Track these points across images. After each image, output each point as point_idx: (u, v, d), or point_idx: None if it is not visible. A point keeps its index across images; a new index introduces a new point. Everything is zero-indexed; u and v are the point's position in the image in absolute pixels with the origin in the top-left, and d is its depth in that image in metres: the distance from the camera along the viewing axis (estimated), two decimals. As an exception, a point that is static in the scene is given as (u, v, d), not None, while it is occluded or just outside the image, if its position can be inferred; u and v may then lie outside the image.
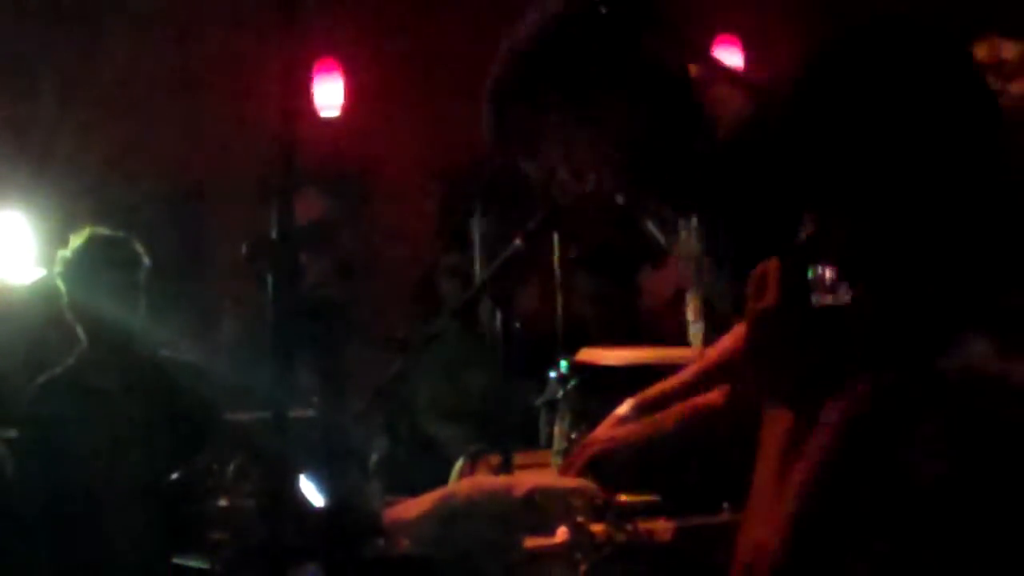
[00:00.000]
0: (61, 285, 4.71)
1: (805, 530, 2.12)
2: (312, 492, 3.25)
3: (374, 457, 5.62)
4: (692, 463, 3.00)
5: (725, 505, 3.02)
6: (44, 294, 5.36)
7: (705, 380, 2.87)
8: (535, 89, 2.63)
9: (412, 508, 3.04)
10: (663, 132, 2.65)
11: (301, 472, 3.29)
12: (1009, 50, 4.20)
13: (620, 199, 2.79)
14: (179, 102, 8.31)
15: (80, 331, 4.70)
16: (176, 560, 4.12)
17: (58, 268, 4.73)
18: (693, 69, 2.72)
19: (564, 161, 2.70)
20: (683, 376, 2.96)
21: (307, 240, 6.58)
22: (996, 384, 2.07)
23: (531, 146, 2.71)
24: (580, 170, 2.71)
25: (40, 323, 5.58)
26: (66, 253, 4.71)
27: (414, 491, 3.24)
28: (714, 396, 2.86)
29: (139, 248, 4.75)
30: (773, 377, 2.28)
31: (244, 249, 2.19)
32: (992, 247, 2.14)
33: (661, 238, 3.37)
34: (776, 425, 2.30)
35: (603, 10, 2.63)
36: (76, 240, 4.71)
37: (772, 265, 2.27)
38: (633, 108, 2.64)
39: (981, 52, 4.21)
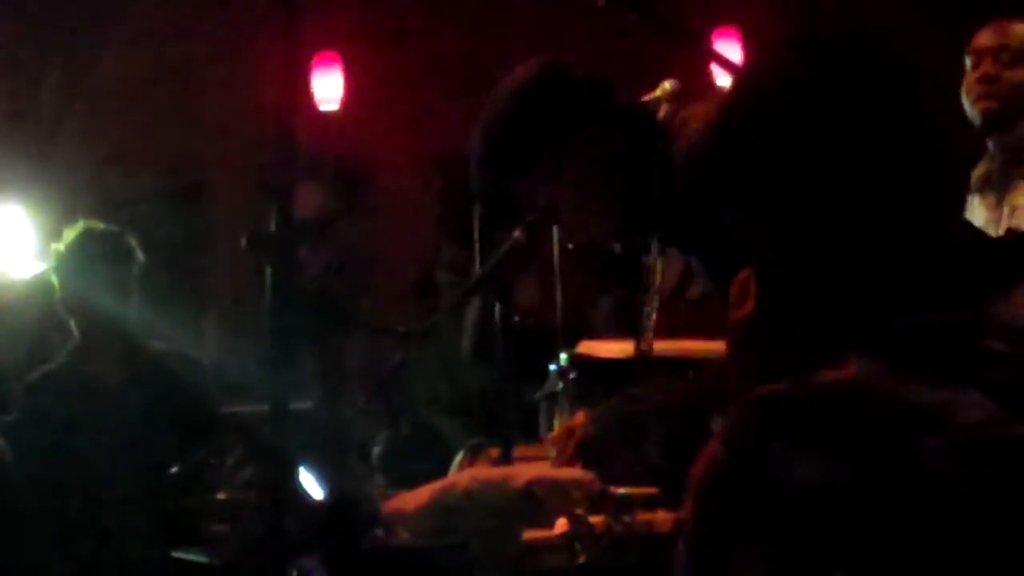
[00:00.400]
0: (54, 279, 4.70)
1: (693, 532, 2.16)
2: (311, 484, 3.26)
3: (376, 450, 5.64)
4: (682, 444, 3.01)
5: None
6: (43, 289, 5.35)
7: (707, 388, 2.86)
8: (519, 153, 2.67)
9: (411, 500, 3.04)
10: (635, 172, 2.67)
11: (300, 464, 3.30)
12: (1016, 36, 4.19)
13: (617, 248, 2.84)
14: (179, 96, 8.31)
15: (73, 325, 4.69)
16: (176, 554, 4.13)
17: (51, 262, 4.73)
18: (663, 107, 2.73)
19: (555, 216, 2.75)
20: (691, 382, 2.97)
21: (307, 233, 6.58)
22: (884, 398, 2.08)
23: (523, 206, 2.76)
24: (571, 222, 2.77)
25: (39, 318, 5.57)
26: (59, 247, 4.70)
27: (414, 483, 3.25)
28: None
29: (132, 242, 4.74)
30: (752, 384, 2.29)
31: (243, 242, 2.20)
32: (887, 269, 2.16)
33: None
34: None
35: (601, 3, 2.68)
36: (69, 234, 4.70)
37: (752, 273, 2.30)
38: (608, 154, 2.67)
39: (988, 36, 4.21)
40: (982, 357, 2.14)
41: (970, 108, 4.15)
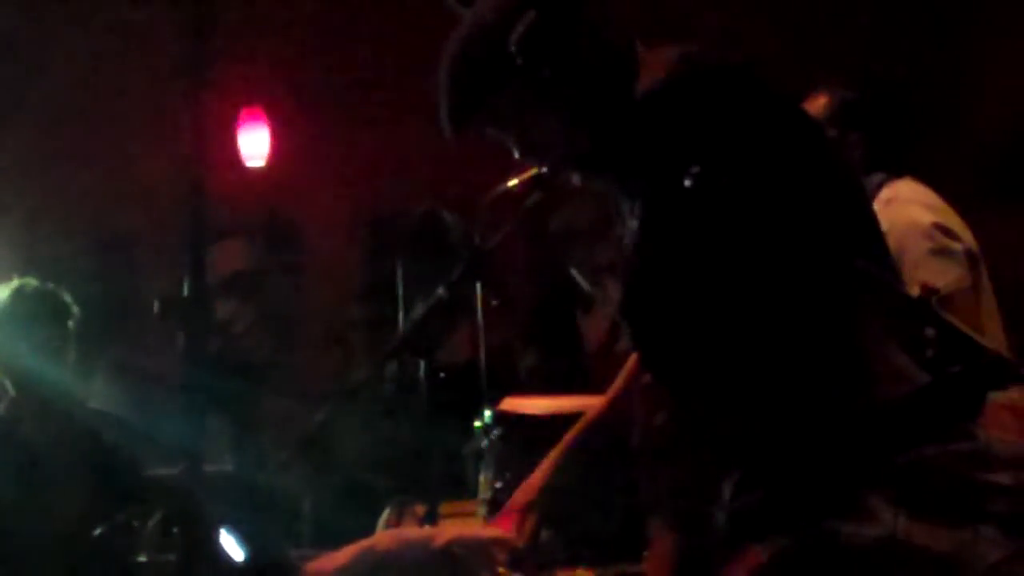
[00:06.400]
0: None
1: None
2: (232, 546, 3.23)
3: (301, 509, 5.61)
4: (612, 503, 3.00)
5: (645, 554, 3.03)
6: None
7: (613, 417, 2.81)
8: (489, 70, 2.45)
9: (332, 561, 3.03)
10: (608, 104, 2.43)
11: (221, 526, 3.27)
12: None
13: (576, 179, 2.62)
14: (107, 152, 8.28)
15: (8, 384, 4.65)
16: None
17: None
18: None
19: (519, 140, 2.52)
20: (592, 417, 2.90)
21: (233, 290, 6.56)
22: (902, 553, 2.07)
23: (488, 126, 2.53)
24: (536, 148, 2.52)
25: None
26: None
27: (341, 542, 3.23)
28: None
29: (67, 299, 4.70)
30: (658, 494, 2.27)
31: (156, 307, 2.18)
32: (883, 405, 2.13)
33: (586, 285, 3.36)
34: (661, 547, 2.30)
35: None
36: (3, 292, 4.66)
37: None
38: (582, 81, 2.44)
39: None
40: (989, 492, 2.12)
41: None
